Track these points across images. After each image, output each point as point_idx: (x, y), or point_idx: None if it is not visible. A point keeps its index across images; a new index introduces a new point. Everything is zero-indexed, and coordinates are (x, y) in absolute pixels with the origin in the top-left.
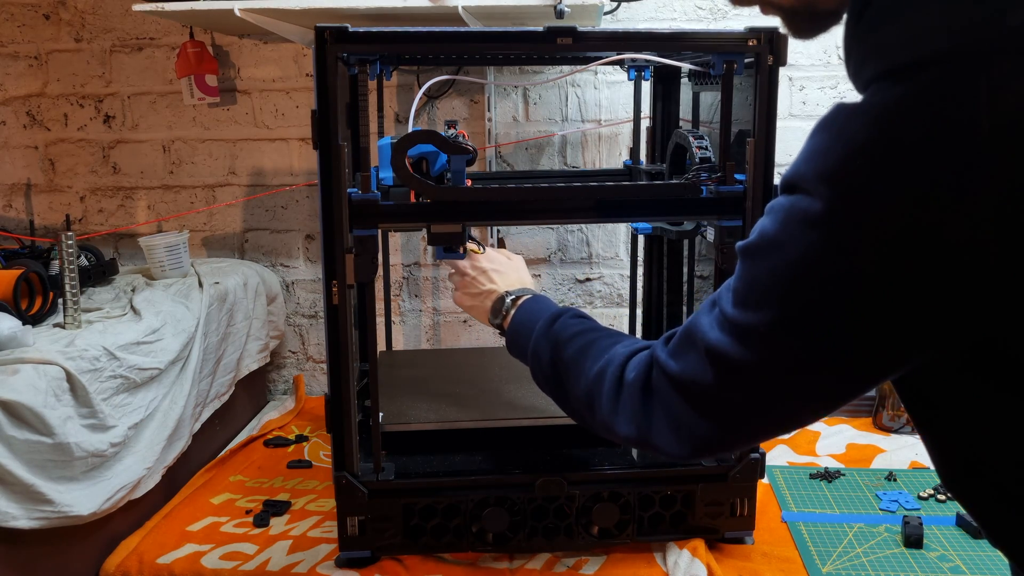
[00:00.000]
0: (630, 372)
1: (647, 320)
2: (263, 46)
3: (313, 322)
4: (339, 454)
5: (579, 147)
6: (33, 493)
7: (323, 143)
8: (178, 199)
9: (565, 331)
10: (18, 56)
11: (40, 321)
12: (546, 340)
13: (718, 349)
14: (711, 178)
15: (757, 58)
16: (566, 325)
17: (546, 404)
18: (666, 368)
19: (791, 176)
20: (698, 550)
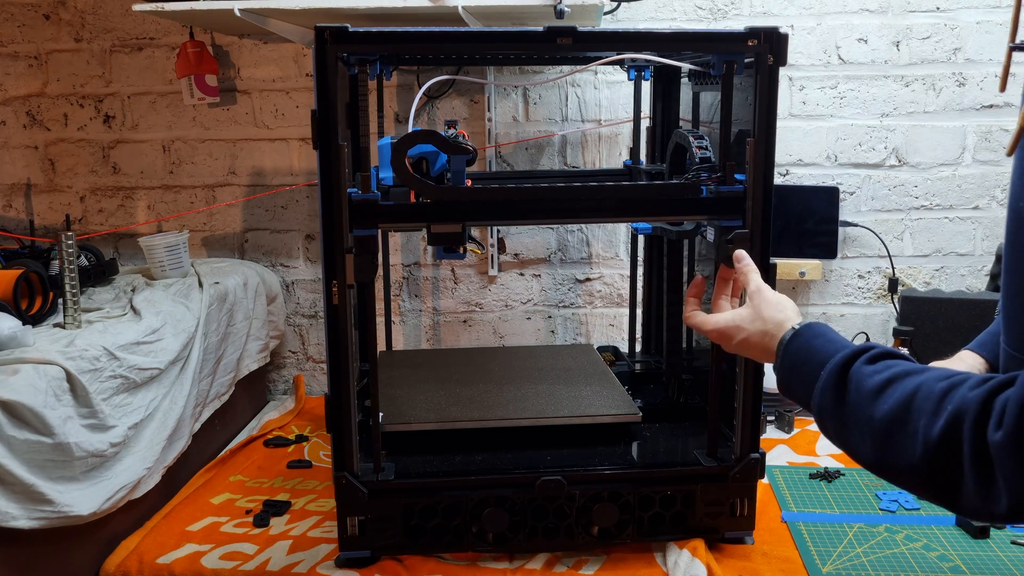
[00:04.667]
0: (995, 430)
1: (647, 320)
2: (263, 46)
3: (313, 322)
4: (339, 454)
5: (579, 147)
6: (33, 493)
7: (323, 143)
8: (178, 199)
9: (866, 383)
10: (18, 56)
11: (40, 321)
12: (841, 395)
13: None
14: (711, 178)
15: (757, 58)
16: (864, 376)
17: (546, 404)
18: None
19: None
20: (698, 550)
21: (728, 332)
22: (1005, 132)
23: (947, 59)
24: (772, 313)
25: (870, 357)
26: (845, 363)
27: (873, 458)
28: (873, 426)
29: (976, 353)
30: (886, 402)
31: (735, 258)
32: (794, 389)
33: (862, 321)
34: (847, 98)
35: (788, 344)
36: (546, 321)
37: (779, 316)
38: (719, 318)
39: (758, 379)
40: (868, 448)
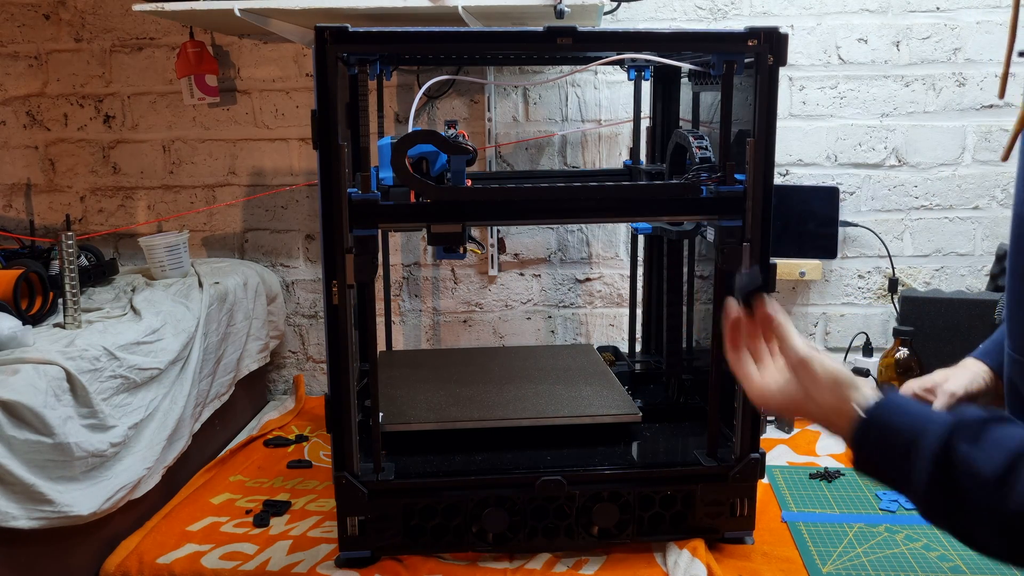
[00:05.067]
0: None
1: (647, 320)
2: (263, 46)
3: (313, 322)
4: (339, 454)
5: (579, 147)
6: (33, 493)
7: (323, 143)
8: (178, 199)
9: (982, 470)
10: (18, 56)
11: (40, 321)
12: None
13: None
14: (711, 178)
15: (757, 58)
16: (975, 461)
17: (546, 404)
18: None
19: None
20: (698, 550)
21: (786, 410)
22: (1005, 132)
23: (947, 59)
24: (827, 398)
25: (969, 435)
26: (944, 451)
27: (1009, 554)
28: (1008, 521)
29: (981, 361)
30: (1018, 491)
31: (761, 318)
32: (885, 481)
33: (862, 321)
34: (847, 98)
35: (861, 436)
36: (546, 321)
37: (836, 402)
38: (771, 396)
39: None
40: (1002, 545)
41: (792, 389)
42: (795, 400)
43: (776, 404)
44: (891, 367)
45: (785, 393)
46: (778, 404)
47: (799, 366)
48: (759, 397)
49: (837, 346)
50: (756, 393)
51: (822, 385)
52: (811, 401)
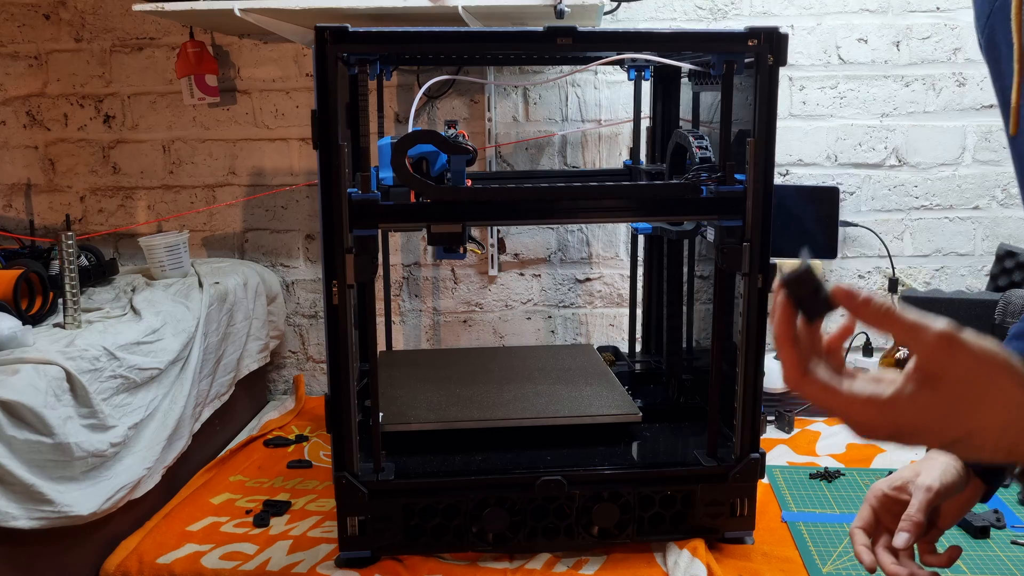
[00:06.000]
0: None
1: (647, 320)
2: (263, 46)
3: (313, 322)
4: (339, 454)
5: (579, 147)
6: (33, 493)
7: (323, 143)
8: (178, 199)
9: None
10: (18, 56)
11: (40, 321)
12: None
13: None
14: (711, 178)
15: (757, 58)
16: None
17: (546, 404)
18: None
19: None
20: (698, 550)
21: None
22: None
23: (947, 59)
24: (1014, 389)
25: None
26: None
27: None
28: None
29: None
30: None
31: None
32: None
33: None
34: (847, 98)
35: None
36: (546, 321)
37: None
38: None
39: (758, 379)
40: None
41: (929, 398)
42: (934, 414)
43: (906, 419)
44: (891, 367)
45: (916, 405)
46: (904, 422)
47: (947, 350)
48: (864, 414)
49: None
50: (857, 409)
51: (994, 367)
52: (971, 411)
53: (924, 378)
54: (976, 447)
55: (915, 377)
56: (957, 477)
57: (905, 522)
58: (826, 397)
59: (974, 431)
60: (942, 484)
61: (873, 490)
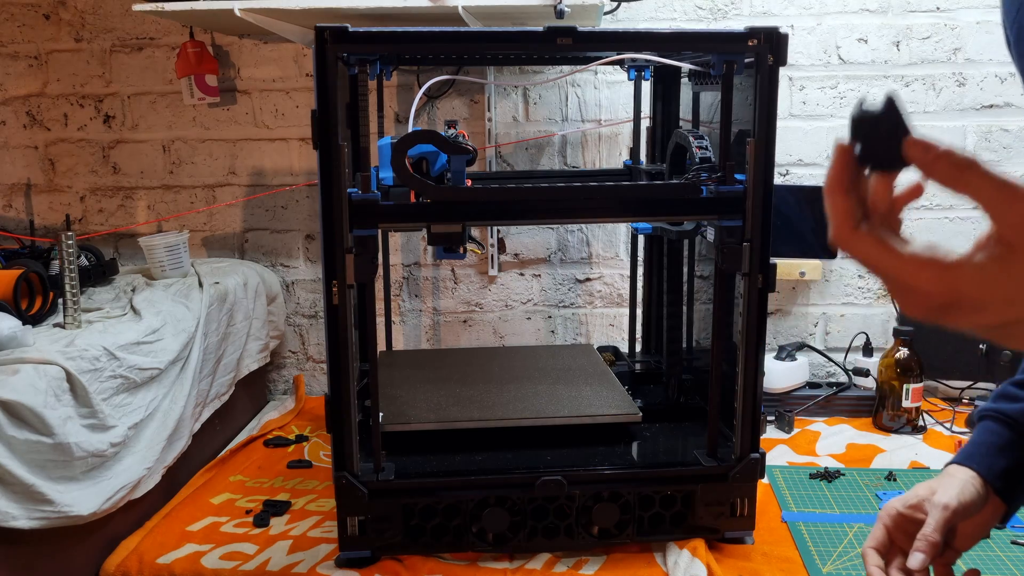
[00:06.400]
0: None
1: (647, 320)
2: (263, 46)
3: (313, 322)
4: (339, 454)
5: (579, 147)
6: (33, 493)
7: (323, 143)
8: (178, 199)
9: None
10: (18, 56)
11: (40, 321)
12: None
13: None
14: (711, 178)
15: (757, 58)
16: None
17: (546, 404)
18: None
19: None
20: (698, 550)
21: (991, 288)
22: (1005, 132)
23: (947, 59)
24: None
25: None
26: None
27: None
28: None
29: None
30: None
31: (931, 159)
32: None
33: (862, 321)
34: (847, 98)
35: None
36: (546, 321)
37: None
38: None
39: (758, 379)
40: None
41: (1001, 263)
42: (1004, 283)
43: (967, 287)
44: (891, 367)
45: (984, 270)
46: (966, 289)
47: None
48: (920, 277)
49: (837, 346)
50: (912, 270)
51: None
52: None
53: (1003, 248)
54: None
55: (991, 245)
56: (976, 496)
57: (920, 542)
58: (879, 255)
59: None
60: (959, 503)
61: (887, 509)
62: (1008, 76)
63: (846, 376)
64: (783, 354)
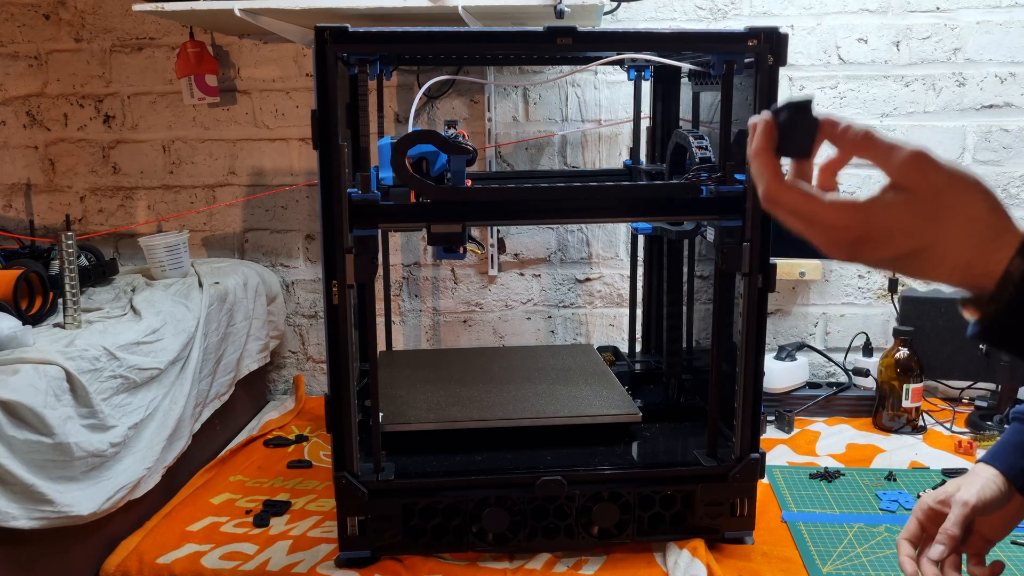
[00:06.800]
0: None
1: (647, 320)
2: (263, 46)
3: (313, 322)
4: (339, 454)
5: (579, 147)
6: (33, 493)
7: (323, 143)
8: (178, 199)
9: None
10: (18, 56)
11: (40, 321)
12: None
13: None
14: (711, 178)
15: (757, 58)
16: None
17: (546, 404)
18: None
19: None
20: (698, 550)
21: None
22: (1005, 132)
23: (947, 59)
24: (971, 206)
25: None
26: None
27: None
28: None
29: (990, 465)
30: None
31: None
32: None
33: (862, 321)
34: (847, 98)
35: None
36: (546, 321)
37: (988, 213)
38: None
39: (758, 379)
40: None
41: (899, 202)
42: (904, 217)
43: (876, 221)
44: (891, 367)
45: (888, 207)
46: (874, 224)
47: (919, 165)
48: (836, 215)
49: (837, 346)
50: (830, 211)
51: (962, 185)
52: (937, 217)
53: (898, 190)
54: (937, 259)
55: (889, 189)
56: (997, 493)
57: (941, 535)
58: (803, 201)
59: (937, 241)
60: (979, 499)
61: (920, 504)
62: (1008, 76)
63: (846, 376)
64: (783, 354)
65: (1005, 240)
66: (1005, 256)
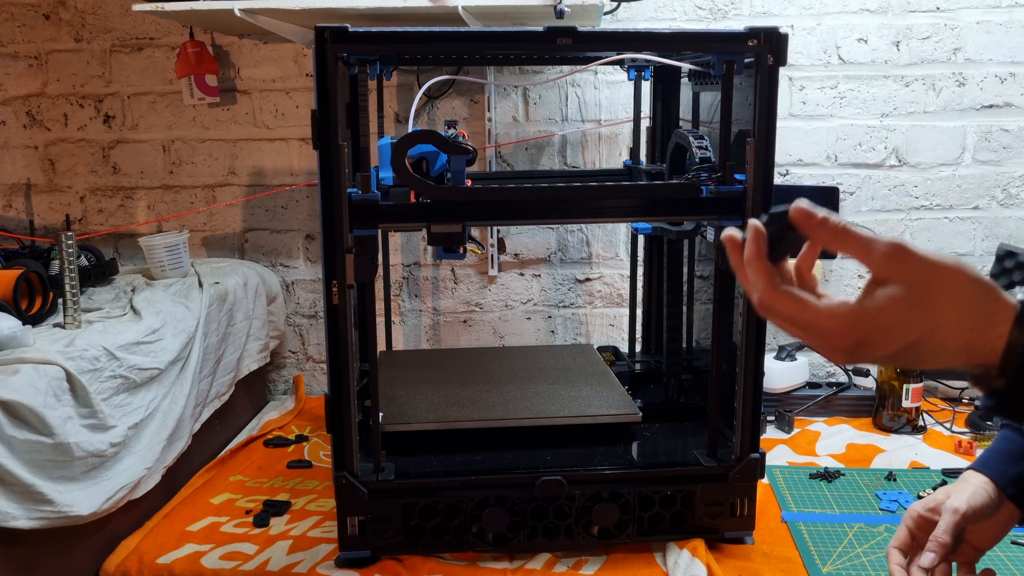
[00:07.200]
0: None
1: (647, 320)
2: (263, 46)
3: (313, 322)
4: (339, 454)
5: (579, 147)
6: (33, 493)
7: (323, 143)
8: (178, 199)
9: None
10: (18, 56)
11: (40, 321)
12: None
13: None
14: (711, 178)
15: (757, 58)
16: None
17: (546, 404)
18: None
19: None
20: (698, 550)
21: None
22: (1005, 132)
23: (947, 59)
24: (963, 295)
25: None
26: None
27: None
28: None
29: (980, 472)
30: None
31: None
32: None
33: None
34: (847, 98)
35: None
36: (546, 321)
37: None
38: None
39: (758, 379)
40: None
41: (889, 300)
42: (896, 314)
43: (871, 324)
44: (891, 367)
45: (880, 308)
46: (870, 327)
47: (898, 258)
48: (833, 323)
49: None
50: (826, 319)
51: (946, 269)
52: (928, 307)
53: (884, 284)
54: (937, 346)
55: (874, 286)
56: (988, 500)
57: (931, 543)
58: (798, 310)
59: (934, 329)
60: (970, 507)
61: (910, 512)
62: (1008, 76)
63: (846, 376)
64: (783, 354)
65: (999, 315)
66: (1003, 331)
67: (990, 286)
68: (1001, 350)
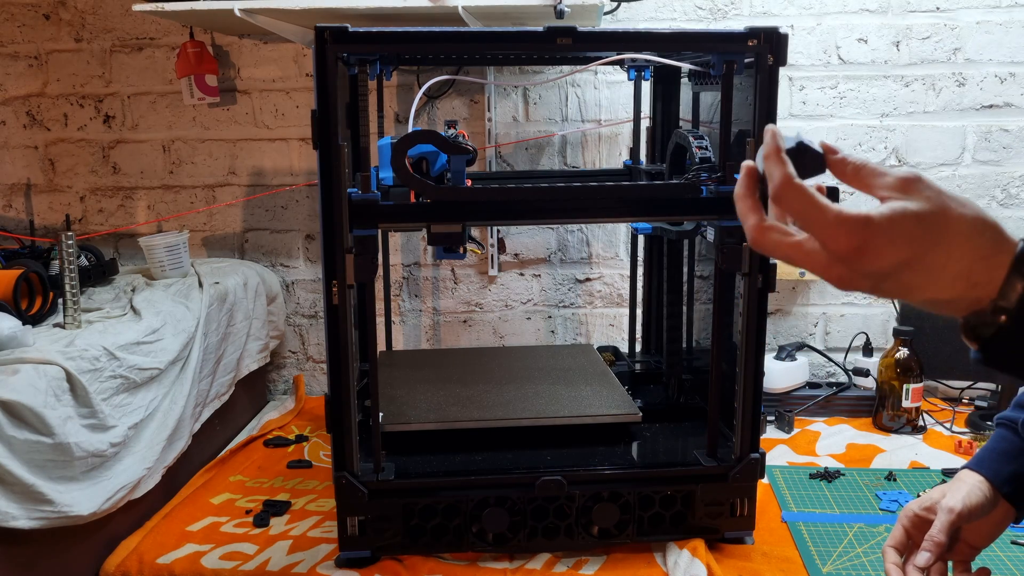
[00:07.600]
0: None
1: (647, 320)
2: (263, 46)
3: (313, 322)
4: (339, 454)
5: (579, 147)
6: (33, 493)
7: (323, 143)
8: (178, 199)
9: None
10: (18, 56)
11: (40, 321)
12: None
13: None
14: (711, 178)
15: (757, 58)
16: None
17: (546, 404)
18: None
19: None
20: (698, 550)
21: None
22: (1005, 132)
23: (947, 59)
24: (966, 226)
25: None
26: None
27: None
28: None
29: (975, 472)
30: None
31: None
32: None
33: (862, 321)
34: (847, 98)
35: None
36: (546, 321)
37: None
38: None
39: (758, 379)
40: None
41: (901, 211)
42: (905, 225)
43: (872, 232)
44: (891, 367)
45: (891, 218)
46: (875, 232)
47: (915, 179)
48: (840, 225)
49: (837, 346)
50: (833, 216)
51: (956, 198)
52: (938, 225)
53: (895, 201)
54: (939, 266)
55: (887, 200)
56: (983, 499)
57: (927, 542)
58: (810, 205)
59: (938, 244)
60: (965, 506)
61: (905, 511)
62: (1008, 76)
63: (846, 376)
64: (783, 354)
65: (1002, 247)
66: (1005, 260)
67: (994, 221)
68: (999, 281)
